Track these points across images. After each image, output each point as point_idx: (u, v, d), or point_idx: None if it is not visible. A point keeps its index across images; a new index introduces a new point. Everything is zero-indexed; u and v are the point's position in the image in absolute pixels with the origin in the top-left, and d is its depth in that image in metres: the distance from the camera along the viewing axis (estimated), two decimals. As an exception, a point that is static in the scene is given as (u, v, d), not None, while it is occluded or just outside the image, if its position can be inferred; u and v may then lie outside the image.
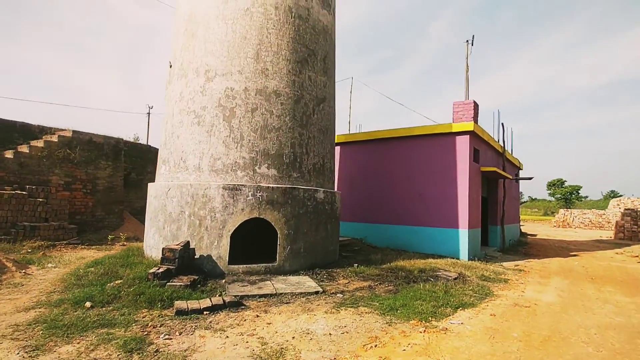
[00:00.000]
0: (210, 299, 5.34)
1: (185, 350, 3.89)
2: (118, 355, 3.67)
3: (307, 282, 6.57)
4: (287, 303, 5.57)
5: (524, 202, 70.44)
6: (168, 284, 5.74)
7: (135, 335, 4.15)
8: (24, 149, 10.66)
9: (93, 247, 9.96)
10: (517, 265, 10.24)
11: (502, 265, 9.99)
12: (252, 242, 8.01)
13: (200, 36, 7.71)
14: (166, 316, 4.83)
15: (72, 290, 5.69)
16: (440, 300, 5.93)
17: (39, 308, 4.98)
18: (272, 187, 7.10)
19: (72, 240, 9.93)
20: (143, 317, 4.76)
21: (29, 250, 8.78)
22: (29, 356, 3.59)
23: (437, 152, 11.06)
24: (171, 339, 4.17)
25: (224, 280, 6.43)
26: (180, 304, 5.06)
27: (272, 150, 7.32)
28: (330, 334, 4.47)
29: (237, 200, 6.89)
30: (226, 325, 4.63)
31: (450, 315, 5.35)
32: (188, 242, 6.72)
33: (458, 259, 10.13)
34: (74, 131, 11.61)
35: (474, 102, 10.98)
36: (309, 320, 4.86)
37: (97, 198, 11.87)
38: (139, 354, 3.73)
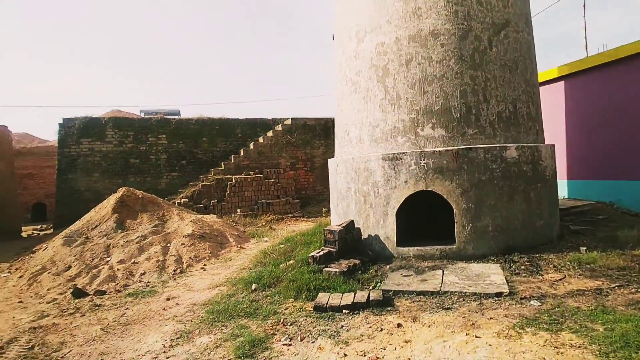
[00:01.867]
0: (355, 293, 4.46)
1: (290, 367, 3.22)
2: (229, 358, 3.36)
3: (491, 276, 4.69)
4: (448, 309, 4.01)
5: None
6: (324, 269, 5.23)
7: (261, 333, 3.77)
8: (260, 139, 12.81)
9: (310, 219, 10.93)
10: None
11: None
12: (433, 220, 6.53)
13: (350, -4, 6.62)
14: (304, 311, 4.25)
15: (255, 268, 5.98)
16: None
17: (223, 286, 5.37)
18: (439, 151, 5.40)
19: (295, 214, 11.27)
20: (285, 309, 4.35)
21: (263, 223, 10.46)
22: (170, 345, 3.72)
23: None
24: (290, 345, 3.54)
25: (388, 266, 5.43)
26: (321, 298, 4.38)
27: (436, 105, 5.53)
28: (488, 380, 2.82)
29: (398, 171, 5.64)
30: (355, 335, 3.61)
31: None
32: (352, 221, 6.06)
33: None
34: (292, 119, 13.04)
35: None
36: (465, 347, 3.24)
37: (315, 174, 13.06)
38: (248, 360, 3.28)
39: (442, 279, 4.70)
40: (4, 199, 13.21)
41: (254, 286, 5.08)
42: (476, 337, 3.37)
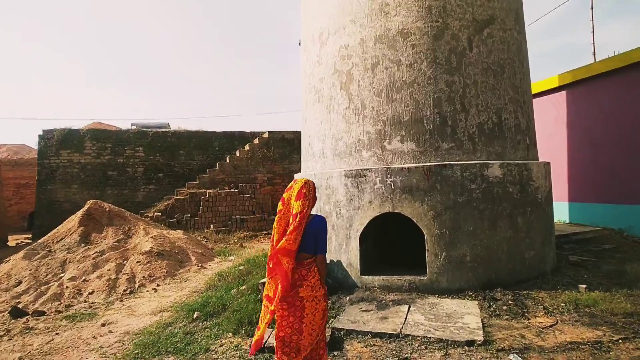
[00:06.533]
0: (299, 333, 3.70)
1: None
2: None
3: (465, 316, 3.85)
4: (405, 359, 3.21)
5: None
6: (274, 300, 4.49)
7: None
8: (236, 153, 12.17)
9: (287, 237, 10.14)
10: None
11: None
12: (404, 246, 5.72)
13: (313, -1, 6.04)
14: (240, 350, 3.54)
15: (207, 292, 5.37)
16: None
17: (166, 312, 4.80)
18: (408, 167, 4.65)
19: (270, 230, 10.50)
20: (220, 346, 3.67)
21: (235, 240, 9.70)
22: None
23: None
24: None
25: (348, 298, 4.62)
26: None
27: (405, 115, 4.81)
28: None
29: (362, 190, 4.88)
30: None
31: None
32: (311, 245, 5.28)
33: None
34: (269, 132, 12.43)
35: None
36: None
37: (295, 190, 12.32)
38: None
39: (406, 318, 3.89)
40: (-12, 209, 12.82)
41: (195, 314, 4.43)
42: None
